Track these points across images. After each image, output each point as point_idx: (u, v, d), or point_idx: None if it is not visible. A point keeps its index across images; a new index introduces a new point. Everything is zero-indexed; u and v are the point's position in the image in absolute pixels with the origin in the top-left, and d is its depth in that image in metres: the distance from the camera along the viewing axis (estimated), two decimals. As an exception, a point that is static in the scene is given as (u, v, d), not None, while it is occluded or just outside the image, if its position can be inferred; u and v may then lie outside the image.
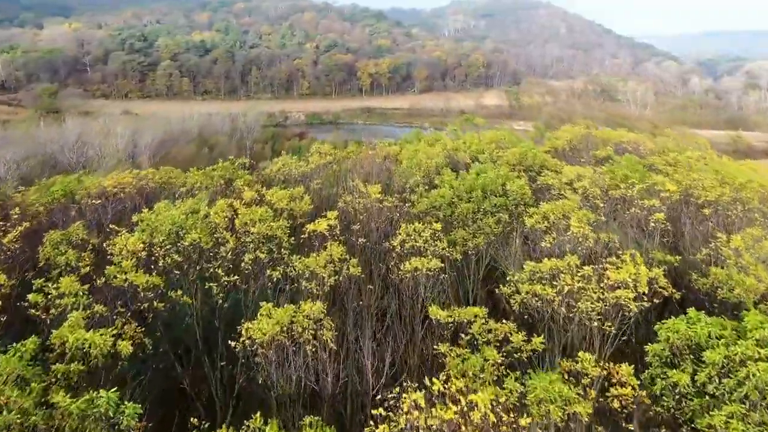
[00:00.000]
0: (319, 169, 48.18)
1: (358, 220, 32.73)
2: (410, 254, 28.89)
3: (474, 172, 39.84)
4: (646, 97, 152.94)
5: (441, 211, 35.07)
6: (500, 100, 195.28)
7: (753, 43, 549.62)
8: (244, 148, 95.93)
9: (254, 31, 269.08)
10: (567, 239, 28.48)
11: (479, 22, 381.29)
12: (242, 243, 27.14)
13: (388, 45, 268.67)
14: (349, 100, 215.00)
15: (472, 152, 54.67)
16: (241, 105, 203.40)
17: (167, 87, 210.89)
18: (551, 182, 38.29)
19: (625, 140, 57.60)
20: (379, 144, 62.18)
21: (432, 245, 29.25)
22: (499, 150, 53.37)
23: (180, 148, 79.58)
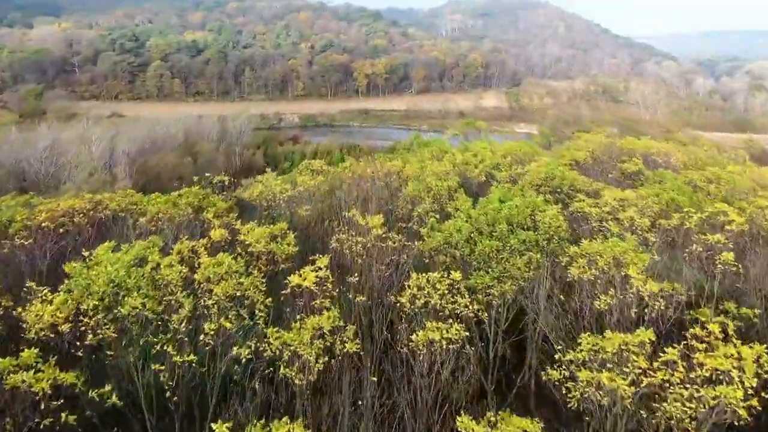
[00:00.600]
0: (308, 192, 41.13)
1: (356, 269, 25.89)
2: (422, 314, 22.20)
3: (495, 199, 32.99)
4: (655, 99, 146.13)
5: (457, 250, 28.27)
6: (499, 101, 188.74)
7: (751, 43, 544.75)
8: (233, 155, 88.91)
9: (248, 31, 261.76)
10: (629, 299, 21.69)
11: (477, 21, 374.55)
12: (203, 306, 20.32)
13: (384, 45, 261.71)
14: (345, 101, 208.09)
15: (486, 168, 47.85)
16: (234, 106, 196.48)
17: (158, 88, 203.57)
18: (589, 210, 31.44)
19: (654, 151, 50.94)
20: (379, 158, 55.16)
21: (451, 301, 22.52)
22: (516, 165, 46.63)
23: (162, 156, 72.57)
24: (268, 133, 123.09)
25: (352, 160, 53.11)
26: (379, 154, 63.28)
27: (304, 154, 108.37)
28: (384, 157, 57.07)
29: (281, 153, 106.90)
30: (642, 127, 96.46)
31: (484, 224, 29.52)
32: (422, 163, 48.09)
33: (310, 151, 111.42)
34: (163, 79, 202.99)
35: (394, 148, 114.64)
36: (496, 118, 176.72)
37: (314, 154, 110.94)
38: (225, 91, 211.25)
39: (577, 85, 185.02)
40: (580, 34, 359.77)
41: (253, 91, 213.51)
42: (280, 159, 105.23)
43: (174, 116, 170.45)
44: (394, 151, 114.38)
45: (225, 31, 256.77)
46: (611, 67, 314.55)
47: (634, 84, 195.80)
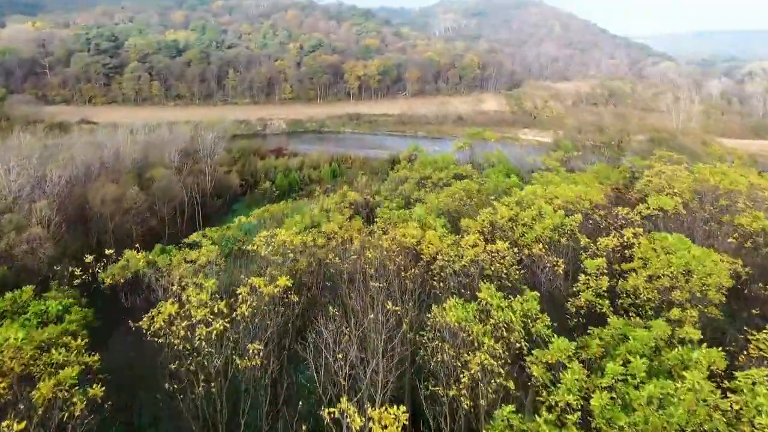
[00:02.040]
0: (275, 304, 25.25)
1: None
2: None
3: (639, 372, 17.16)
4: (689, 106, 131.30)
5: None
6: (500, 104, 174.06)
7: (745, 42, 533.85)
8: (200, 176, 73.26)
9: (233, 31, 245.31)
10: None
11: (470, 21, 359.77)
12: None
13: (376, 45, 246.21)
14: (336, 105, 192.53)
15: (547, 233, 31.84)
16: (217, 111, 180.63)
17: (135, 91, 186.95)
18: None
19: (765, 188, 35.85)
20: (383, 215, 40.23)
21: None
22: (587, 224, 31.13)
23: (104, 181, 56.89)
24: (248, 144, 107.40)
25: (345, 212, 37.65)
26: (382, 212, 47.83)
27: (289, 170, 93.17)
28: (395, 215, 41.37)
29: (262, 168, 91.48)
30: (678, 141, 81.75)
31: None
32: (449, 236, 32.08)
33: (296, 165, 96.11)
34: (141, 82, 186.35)
35: (395, 160, 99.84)
36: (497, 123, 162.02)
37: (300, 167, 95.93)
38: (207, 94, 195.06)
39: (582, 88, 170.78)
40: (576, 33, 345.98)
41: (237, 94, 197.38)
42: (260, 175, 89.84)
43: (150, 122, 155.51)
44: (396, 165, 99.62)
45: (209, 31, 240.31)
46: (609, 68, 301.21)
47: (641, 87, 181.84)
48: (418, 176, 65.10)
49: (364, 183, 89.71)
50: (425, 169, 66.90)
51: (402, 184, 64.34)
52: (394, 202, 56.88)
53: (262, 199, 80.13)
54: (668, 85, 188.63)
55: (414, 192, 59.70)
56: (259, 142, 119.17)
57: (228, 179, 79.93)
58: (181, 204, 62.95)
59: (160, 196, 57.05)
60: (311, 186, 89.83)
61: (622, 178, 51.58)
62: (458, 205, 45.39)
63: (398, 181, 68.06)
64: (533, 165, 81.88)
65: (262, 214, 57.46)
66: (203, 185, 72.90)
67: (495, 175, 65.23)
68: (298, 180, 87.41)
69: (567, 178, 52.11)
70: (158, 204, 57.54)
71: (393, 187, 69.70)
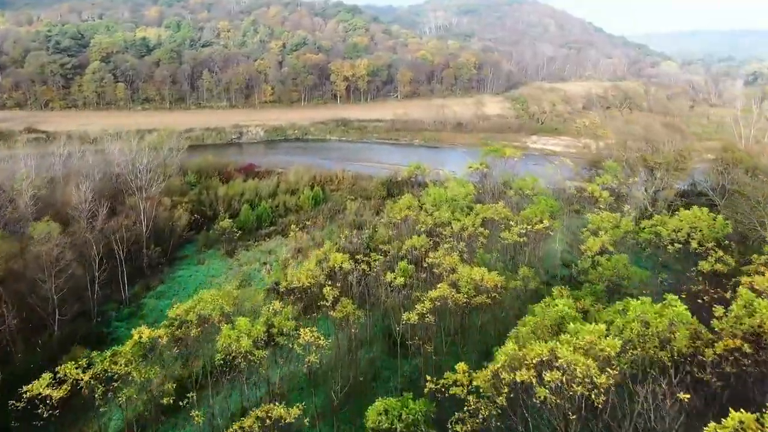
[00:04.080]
0: None
1: None
2: None
3: None
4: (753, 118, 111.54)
5: None
6: (502, 108, 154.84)
7: (736, 42, 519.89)
8: (133, 216, 52.89)
9: (211, 28, 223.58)
10: None
11: (461, 19, 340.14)
12: None
13: (365, 43, 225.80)
14: (321, 108, 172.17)
15: None
16: (188, 116, 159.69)
17: (98, 95, 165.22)
18: None
19: None
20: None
21: None
22: None
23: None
24: (210, 161, 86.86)
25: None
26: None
27: (259, 197, 72.91)
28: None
29: (225, 196, 71.11)
30: (761, 161, 62.79)
31: None
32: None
33: (269, 189, 75.90)
34: (104, 84, 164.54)
35: (391, 181, 79.95)
36: (500, 129, 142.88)
37: (273, 193, 75.77)
38: (179, 97, 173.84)
39: (593, 89, 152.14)
40: (572, 32, 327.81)
41: (212, 97, 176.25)
42: (221, 206, 69.49)
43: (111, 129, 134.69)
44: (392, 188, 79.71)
45: (184, 28, 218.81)
46: (607, 68, 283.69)
47: (653, 88, 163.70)
48: (431, 222, 45.32)
49: (352, 215, 70.03)
50: (439, 210, 47.06)
51: (408, 236, 44.58)
52: (399, 273, 37.09)
53: (219, 240, 59.94)
54: (681, 86, 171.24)
55: (429, 253, 39.95)
56: (224, 158, 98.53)
57: (174, 217, 59.47)
58: (90, 267, 42.63)
59: (47, 264, 36.82)
60: (287, 218, 69.79)
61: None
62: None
63: (404, 229, 48.27)
64: (571, 193, 62.56)
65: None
66: (136, 230, 52.55)
67: (537, 211, 45.93)
68: (269, 212, 67.21)
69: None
70: (47, 277, 37.32)
71: (394, 233, 49.92)
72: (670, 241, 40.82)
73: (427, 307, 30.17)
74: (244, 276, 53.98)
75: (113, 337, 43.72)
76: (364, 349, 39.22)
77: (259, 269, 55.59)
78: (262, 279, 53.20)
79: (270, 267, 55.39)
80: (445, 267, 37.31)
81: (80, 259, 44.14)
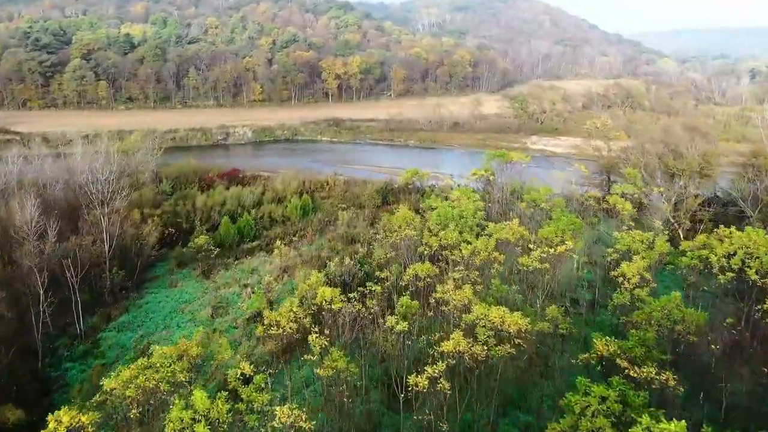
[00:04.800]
0: None
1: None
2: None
3: None
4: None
5: None
6: (499, 107, 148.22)
7: (727, 40, 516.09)
8: (94, 233, 45.84)
9: (198, 25, 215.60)
10: None
11: (455, 16, 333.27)
12: None
13: (357, 40, 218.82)
14: (312, 108, 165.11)
15: None
16: (173, 116, 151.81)
17: (78, 93, 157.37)
18: None
19: None
20: None
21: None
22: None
23: None
24: (189, 167, 79.69)
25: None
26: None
27: (242, 207, 65.98)
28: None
29: (203, 207, 64.03)
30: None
31: None
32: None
33: (253, 198, 68.85)
34: (85, 82, 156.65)
35: (387, 188, 73.03)
36: (499, 129, 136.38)
37: (258, 202, 68.85)
38: (164, 96, 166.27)
39: (595, 88, 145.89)
40: (567, 29, 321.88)
41: (199, 95, 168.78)
42: (199, 218, 62.42)
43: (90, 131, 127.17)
44: (388, 195, 72.88)
45: (170, 25, 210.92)
46: (603, 65, 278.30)
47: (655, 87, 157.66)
48: (436, 244, 38.50)
49: (344, 226, 63.22)
50: (445, 230, 40.21)
51: (409, 259, 37.84)
52: (400, 314, 30.28)
53: (195, 259, 52.92)
54: (683, 85, 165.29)
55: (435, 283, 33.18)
56: (210, 161, 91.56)
57: (144, 233, 52.32)
58: (37, 298, 35.61)
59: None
60: (272, 230, 62.82)
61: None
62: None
63: (403, 249, 41.41)
64: (589, 203, 55.93)
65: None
66: (96, 250, 45.51)
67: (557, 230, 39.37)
68: (252, 225, 60.16)
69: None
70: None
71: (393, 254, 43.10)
72: (720, 268, 34.35)
73: (440, 369, 23.48)
74: (221, 301, 47.06)
75: (62, 384, 36.79)
76: (359, 399, 32.53)
77: (238, 292, 48.66)
78: (240, 305, 46.35)
79: (251, 290, 48.50)
80: (456, 304, 30.63)
81: (25, 288, 37.09)
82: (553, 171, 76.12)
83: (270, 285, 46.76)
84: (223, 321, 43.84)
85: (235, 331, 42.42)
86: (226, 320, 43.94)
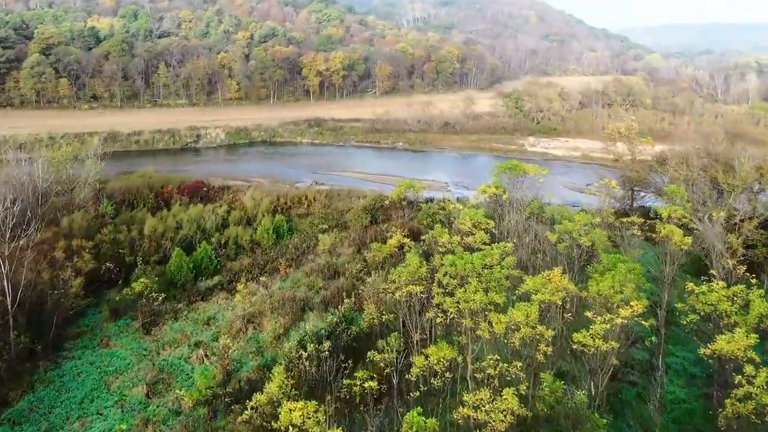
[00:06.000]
0: None
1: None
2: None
3: None
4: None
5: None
6: (492, 105, 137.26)
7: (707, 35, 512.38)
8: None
9: (171, 18, 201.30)
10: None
11: (440, 11, 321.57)
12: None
13: (340, 35, 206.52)
14: (292, 107, 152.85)
15: None
16: (141, 116, 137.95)
17: (37, 92, 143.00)
18: None
19: None
20: None
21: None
22: None
23: None
24: (149, 177, 67.39)
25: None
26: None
27: (203, 232, 54.06)
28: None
29: (152, 232, 51.77)
30: None
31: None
32: None
33: (215, 219, 56.80)
34: (45, 79, 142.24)
35: (376, 205, 61.36)
36: (493, 130, 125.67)
37: (222, 223, 57.05)
38: (132, 94, 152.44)
39: (594, 84, 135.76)
40: (553, 24, 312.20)
41: (170, 94, 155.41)
42: (146, 249, 50.24)
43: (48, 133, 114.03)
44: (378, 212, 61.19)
45: (141, 18, 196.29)
46: (591, 61, 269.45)
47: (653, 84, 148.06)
48: (453, 310, 27.03)
49: (326, 254, 51.74)
50: (466, 289, 28.77)
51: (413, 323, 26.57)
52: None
53: (134, 307, 40.88)
54: (684, 81, 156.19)
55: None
56: (170, 169, 79.32)
57: (65, 275, 40.10)
58: None
59: None
60: (238, 261, 50.95)
61: None
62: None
63: (409, 314, 29.89)
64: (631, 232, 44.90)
65: None
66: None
67: (616, 282, 28.32)
68: (212, 256, 48.21)
69: None
70: None
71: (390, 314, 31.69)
72: None
73: None
74: (164, 370, 35.33)
75: None
76: None
77: (188, 355, 36.97)
78: (189, 376, 34.67)
79: (205, 352, 36.81)
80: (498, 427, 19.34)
81: None
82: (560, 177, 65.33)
83: (227, 348, 34.99)
84: (161, 404, 32.06)
85: (178, 420, 30.75)
86: (166, 403, 32.15)
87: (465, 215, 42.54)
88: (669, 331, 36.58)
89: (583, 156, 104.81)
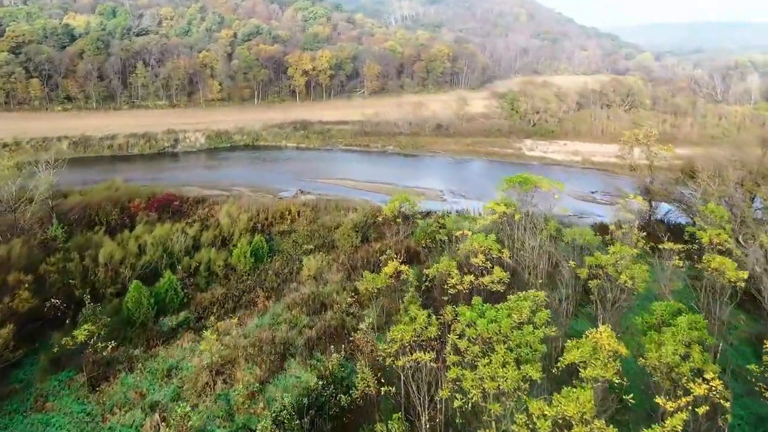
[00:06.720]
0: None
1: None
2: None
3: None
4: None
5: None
6: (486, 106, 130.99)
7: (697, 34, 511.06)
8: None
9: (151, 15, 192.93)
10: None
11: (428, 9, 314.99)
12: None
13: (327, 33, 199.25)
14: (277, 108, 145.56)
15: None
16: (117, 118, 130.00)
17: (6, 93, 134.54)
18: None
19: None
20: None
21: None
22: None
23: None
24: (115, 191, 60.05)
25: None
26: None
27: (170, 256, 47.07)
28: None
29: (109, 258, 44.44)
30: None
31: None
32: None
33: (185, 240, 49.71)
34: (15, 79, 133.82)
35: (367, 222, 54.54)
36: (488, 132, 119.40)
37: (193, 245, 50.14)
38: (108, 95, 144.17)
39: (591, 84, 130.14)
40: (543, 23, 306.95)
41: (149, 95, 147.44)
42: (101, 281, 43.01)
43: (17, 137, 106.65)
44: (369, 230, 54.32)
45: (120, 15, 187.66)
46: (582, 60, 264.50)
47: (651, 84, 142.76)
48: (477, 393, 20.43)
49: (311, 281, 45.02)
50: (492, 360, 22.21)
51: None
52: None
53: (77, 359, 33.63)
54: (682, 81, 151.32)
55: None
56: (141, 179, 71.97)
57: None
58: None
59: None
60: (209, 291, 43.89)
61: None
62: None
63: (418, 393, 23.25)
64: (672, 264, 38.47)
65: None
66: None
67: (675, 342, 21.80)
68: (177, 289, 41.20)
69: None
70: None
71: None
72: None
73: None
74: (110, 443, 28.31)
75: None
76: None
77: (140, 423, 29.87)
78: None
79: (162, 417, 29.77)
80: None
81: None
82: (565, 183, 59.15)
83: (186, 418, 28.02)
84: None
85: None
86: None
87: (473, 241, 35.96)
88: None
89: (584, 161, 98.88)
